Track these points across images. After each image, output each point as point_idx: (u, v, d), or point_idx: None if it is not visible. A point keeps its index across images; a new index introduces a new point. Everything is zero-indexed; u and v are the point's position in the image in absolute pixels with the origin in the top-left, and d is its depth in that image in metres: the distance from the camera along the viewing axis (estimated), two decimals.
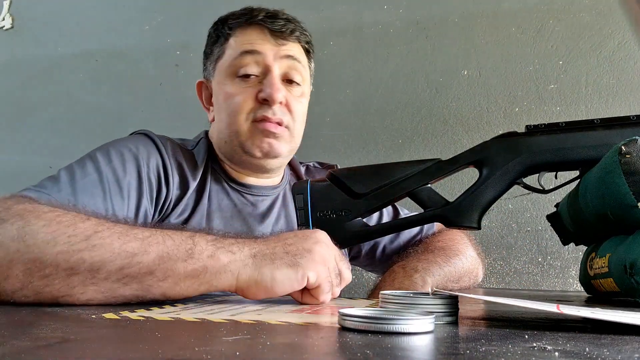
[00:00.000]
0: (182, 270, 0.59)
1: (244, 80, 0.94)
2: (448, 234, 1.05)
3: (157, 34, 1.74)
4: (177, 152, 0.93)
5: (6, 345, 0.34)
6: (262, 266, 0.61)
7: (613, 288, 0.64)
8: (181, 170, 0.92)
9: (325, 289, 0.63)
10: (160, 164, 0.89)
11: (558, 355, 0.33)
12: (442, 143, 1.46)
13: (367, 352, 0.34)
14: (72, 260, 0.57)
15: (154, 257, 0.59)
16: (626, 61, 1.36)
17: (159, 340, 0.38)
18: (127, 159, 0.86)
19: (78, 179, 0.79)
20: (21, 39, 1.91)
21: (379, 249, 1.08)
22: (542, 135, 0.76)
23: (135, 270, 0.58)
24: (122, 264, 0.58)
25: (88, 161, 0.83)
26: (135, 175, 0.85)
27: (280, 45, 0.95)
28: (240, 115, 0.93)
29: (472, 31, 1.46)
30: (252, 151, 0.93)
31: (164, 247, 0.60)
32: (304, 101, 0.98)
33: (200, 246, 0.61)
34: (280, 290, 0.61)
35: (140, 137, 0.93)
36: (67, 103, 1.83)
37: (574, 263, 1.33)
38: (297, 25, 0.98)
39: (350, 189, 0.81)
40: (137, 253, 0.59)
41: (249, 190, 0.98)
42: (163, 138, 0.94)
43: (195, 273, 0.59)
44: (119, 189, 0.82)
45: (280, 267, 0.61)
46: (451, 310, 0.50)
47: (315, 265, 0.62)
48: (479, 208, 0.78)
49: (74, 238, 0.58)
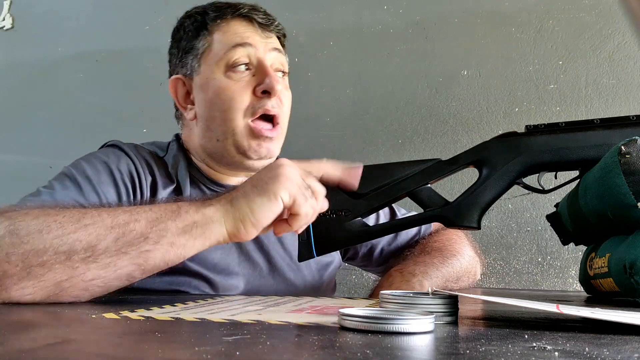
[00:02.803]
0: (174, 228, 0.63)
1: (236, 74, 0.92)
2: (445, 234, 1.04)
3: (157, 34, 1.74)
4: (147, 157, 0.93)
5: (6, 345, 0.34)
6: (239, 206, 0.66)
7: (613, 288, 0.64)
8: (152, 174, 0.92)
9: (301, 202, 0.67)
10: (132, 167, 0.90)
11: (558, 355, 0.33)
12: (442, 143, 1.45)
13: (367, 352, 0.34)
14: (69, 242, 0.60)
15: (145, 223, 0.63)
16: (626, 61, 1.36)
17: (159, 340, 0.38)
18: (100, 169, 0.86)
19: (58, 191, 0.81)
20: (21, 39, 1.91)
21: (377, 250, 1.06)
22: (542, 135, 0.76)
23: (130, 238, 0.61)
24: (117, 234, 0.61)
25: (64, 177, 0.84)
26: (111, 183, 0.86)
27: (267, 38, 0.95)
28: (238, 112, 0.91)
29: (472, 31, 1.46)
30: (248, 153, 0.92)
31: (151, 213, 0.64)
32: (289, 94, 0.98)
33: (185, 207, 0.66)
34: (263, 219, 0.66)
35: (108, 148, 0.93)
36: (67, 103, 1.83)
37: (574, 263, 1.33)
38: (275, 19, 0.98)
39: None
40: (128, 222, 0.62)
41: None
42: (131, 145, 0.94)
43: (186, 229, 0.64)
44: (97, 197, 0.83)
45: (253, 199, 0.66)
46: (451, 310, 0.50)
47: (283, 185, 0.66)
48: (478, 208, 0.78)
49: (65, 223, 0.61)
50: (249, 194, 0.67)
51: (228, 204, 0.66)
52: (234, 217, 0.66)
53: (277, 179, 0.67)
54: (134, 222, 0.62)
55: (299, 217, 0.68)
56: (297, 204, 0.67)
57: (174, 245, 0.63)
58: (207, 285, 0.88)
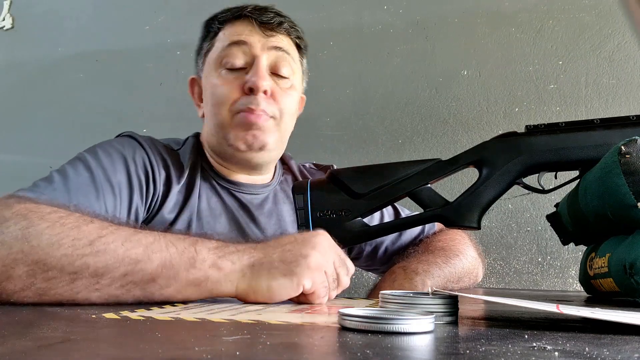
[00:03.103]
0: (185, 278, 0.60)
1: (230, 72, 0.93)
2: (449, 233, 1.04)
3: (157, 34, 1.74)
4: (162, 150, 0.94)
5: (6, 345, 0.34)
6: (259, 276, 0.63)
7: (613, 288, 0.64)
8: (167, 168, 0.92)
9: (320, 294, 0.65)
10: (146, 161, 0.90)
11: (558, 355, 0.33)
12: (442, 143, 1.46)
13: (367, 352, 0.34)
14: (76, 265, 0.57)
15: (157, 265, 0.60)
16: (626, 61, 1.36)
17: (159, 340, 0.38)
18: (115, 158, 0.86)
19: (71, 178, 0.80)
20: (21, 39, 1.91)
21: (381, 249, 1.07)
22: (542, 135, 0.76)
23: (139, 277, 0.59)
24: (126, 270, 0.59)
25: (78, 162, 0.84)
26: (124, 173, 0.86)
27: (269, 37, 0.94)
28: (224, 106, 0.92)
29: (472, 31, 1.46)
30: (236, 144, 0.92)
31: (167, 254, 0.61)
32: (293, 94, 0.97)
33: (202, 255, 0.62)
34: (276, 297, 0.63)
35: (124, 138, 0.93)
36: (67, 103, 1.83)
37: (574, 263, 1.33)
38: (286, 19, 0.97)
39: (350, 189, 0.81)
40: (140, 260, 0.59)
41: (239, 188, 0.98)
42: (147, 138, 0.94)
43: (197, 282, 0.61)
44: (110, 188, 0.83)
45: (276, 276, 0.62)
46: (451, 310, 0.50)
47: (310, 273, 0.63)
48: (478, 208, 0.78)
49: (78, 242, 0.58)
50: (274, 267, 0.63)
51: (249, 268, 0.63)
52: (249, 285, 0.62)
53: (307, 263, 0.63)
54: (147, 261, 0.59)
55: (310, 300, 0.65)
56: (316, 296, 0.64)
57: (180, 294, 0.61)
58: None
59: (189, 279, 0.61)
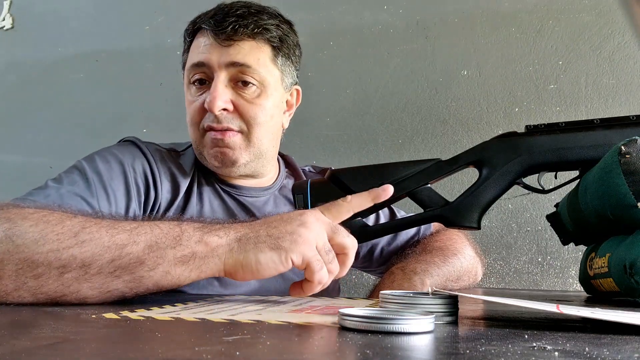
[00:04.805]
0: (172, 257, 0.60)
1: (198, 89, 0.93)
2: (446, 233, 1.04)
3: (157, 34, 1.74)
4: (164, 157, 0.94)
5: (6, 345, 0.34)
6: (247, 250, 0.62)
7: (613, 288, 0.64)
8: (171, 175, 0.92)
9: (315, 268, 0.63)
10: (147, 168, 0.90)
11: (558, 355, 0.33)
12: (442, 143, 1.45)
13: (367, 352, 0.34)
14: (63, 258, 0.58)
15: (143, 247, 0.60)
16: (626, 61, 1.36)
17: (159, 340, 0.38)
18: (112, 165, 0.86)
19: (65, 185, 0.80)
20: (21, 39, 1.91)
21: (377, 250, 1.07)
22: (542, 136, 0.76)
23: (126, 262, 0.59)
24: (113, 256, 0.59)
25: (74, 170, 0.84)
26: (122, 179, 0.86)
27: (227, 47, 0.89)
28: (195, 125, 0.93)
29: (472, 31, 1.46)
30: (210, 161, 0.93)
31: (152, 236, 0.61)
32: (263, 102, 0.92)
33: (188, 232, 0.62)
34: (265, 272, 0.62)
35: (125, 144, 0.93)
36: (67, 103, 1.83)
37: (574, 263, 1.33)
38: (254, 20, 0.90)
39: (350, 189, 0.81)
40: (126, 244, 0.59)
41: (240, 192, 0.98)
42: (149, 144, 0.94)
43: (184, 259, 0.60)
44: (105, 195, 0.83)
45: (263, 250, 0.62)
46: (451, 310, 0.50)
47: (297, 247, 0.62)
48: (478, 208, 0.78)
49: (62, 235, 0.59)
50: (261, 241, 0.62)
51: (236, 241, 0.62)
52: (236, 259, 0.62)
53: (295, 238, 0.62)
54: (132, 245, 0.59)
55: (312, 284, 0.64)
56: (311, 270, 0.63)
57: (169, 274, 0.60)
58: (216, 281, 0.88)
59: (176, 257, 0.60)
